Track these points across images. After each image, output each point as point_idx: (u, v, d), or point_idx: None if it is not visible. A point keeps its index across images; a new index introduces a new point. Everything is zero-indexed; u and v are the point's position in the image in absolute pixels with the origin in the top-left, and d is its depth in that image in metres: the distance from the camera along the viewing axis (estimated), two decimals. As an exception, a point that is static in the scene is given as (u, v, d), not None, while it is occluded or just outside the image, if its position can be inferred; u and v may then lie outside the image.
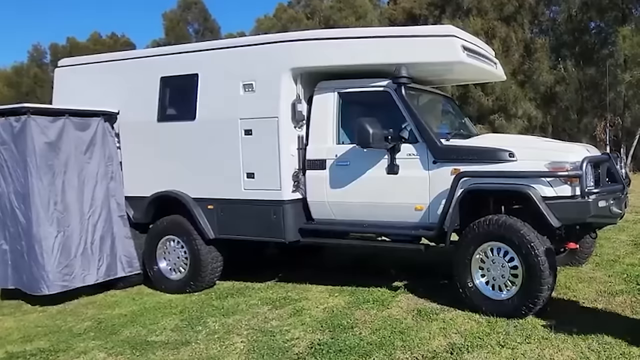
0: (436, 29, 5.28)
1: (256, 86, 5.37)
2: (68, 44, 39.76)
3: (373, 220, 5.34)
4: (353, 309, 5.00)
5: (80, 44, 38.41)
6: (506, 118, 23.25)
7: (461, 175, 4.80)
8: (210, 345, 4.33)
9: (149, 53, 6.18)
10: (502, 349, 3.97)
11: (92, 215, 5.68)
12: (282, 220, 5.35)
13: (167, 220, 5.90)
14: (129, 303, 5.61)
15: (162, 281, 5.97)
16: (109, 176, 5.86)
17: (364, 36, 5.28)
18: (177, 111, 5.83)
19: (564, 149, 5.09)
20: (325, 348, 4.10)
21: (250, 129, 5.40)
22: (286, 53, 5.32)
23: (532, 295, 4.49)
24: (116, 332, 4.75)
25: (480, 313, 4.66)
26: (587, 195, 4.56)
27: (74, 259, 5.48)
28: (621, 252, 6.74)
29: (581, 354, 3.80)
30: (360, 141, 4.96)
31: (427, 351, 3.99)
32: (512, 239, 4.57)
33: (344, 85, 5.39)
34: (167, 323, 4.91)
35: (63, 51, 35.69)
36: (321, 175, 5.40)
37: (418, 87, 5.59)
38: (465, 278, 4.79)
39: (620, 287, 5.28)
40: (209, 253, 5.73)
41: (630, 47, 20.34)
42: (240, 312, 5.10)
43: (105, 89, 6.03)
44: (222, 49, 5.65)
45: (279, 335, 4.46)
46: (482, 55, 5.67)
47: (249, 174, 5.44)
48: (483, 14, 24.03)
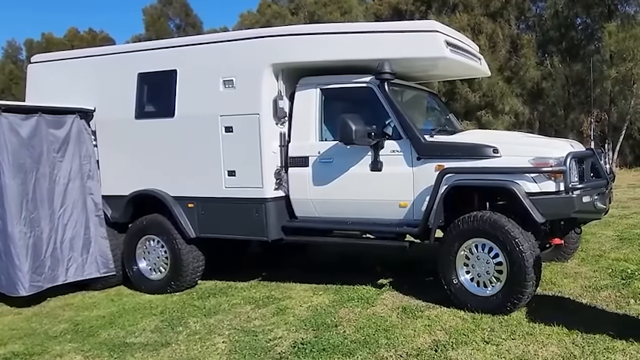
0: (419, 25, 5.23)
1: (236, 82, 5.29)
2: (44, 40, 38.74)
3: (357, 218, 5.29)
4: (337, 307, 4.94)
5: (57, 39, 37.63)
6: (493, 114, 23.30)
7: (445, 172, 4.77)
8: (191, 346, 4.25)
9: (126, 49, 6.06)
10: (486, 345, 3.95)
11: (63, 214, 5.54)
12: (265, 219, 5.28)
13: (147, 219, 5.79)
14: (108, 304, 5.50)
15: (142, 281, 5.87)
16: (84, 175, 5.72)
17: (346, 32, 5.21)
18: (156, 108, 5.72)
19: (548, 145, 5.09)
20: (309, 347, 4.04)
21: (230, 126, 5.32)
22: (267, 49, 5.24)
23: (516, 291, 4.47)
24: (94, 334, 4.64)
25: (465, 310, 4.64)
26: (571, 190, 4.56)
27: (44, 259, 5.34)
28: (607, 247, 6.75)
29: (565, 349, 3.79)
30: (343, 138, 4.91)
31: (411, 349, 3.96)
32: (496, 235, 4.55)
33: (327, 81, 5.33)
34: (147, 324, 4.81)
35: (38, 47, 34.72)
36: (304, 172, 5.33)
37: (401, 83, 5.55)
38: (450, 275, 4.77)
39: (605, 282, 5.29)
40: (190, 252, 5.64)
41: (616, 43, 20.52)
42: (222, 312, 5.02)
43: (80, 85, 5.91)
44: (201, 45, 5.55)
45: (262, 334, 4.39)
46: (466, 51, 5.64)
47: (230, 171, 5.36)
48: (469, 10, 24.10)
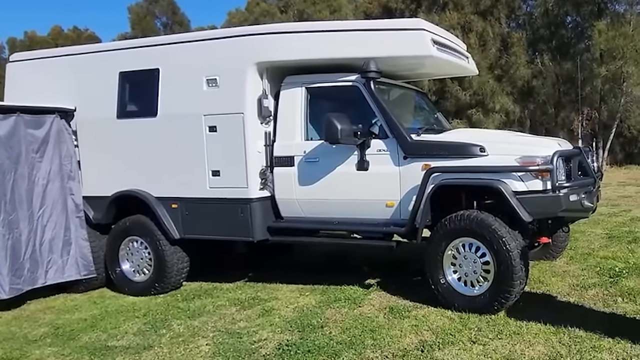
0: (405, 22, 5.19)
1: (220, 81, 5.21)
2: (27, 39, 38.13)
3: (343, 218, 5.24)
4: (324, 308, 4.89)
5: (40, 38, 37.04)
6: (484, 113, 23.30)
7: (432, 171, 4.74)
8: (174, 348, 4.17)
9: (108, 47, 5.95)
10: (473, 345, 3.92)
11: (42, 215, 5.43)
12: (250, 219, 5.21)
13: (130, 220, 5.70)
14: (90, 307, 5.40)
15: (125, 283, 5.77)
16: (65, 175, 5.62)
17: (331, 29, 5.16)
18: (138, 107, 5.63)
19: (535, 144, 5.07)
20: (294, 349, 3.98)
21: (214, 126, 5.24)
22: (251, 47, 5.17)
23: (504, 291, 4.45)
24: (74, 338, 4.54)
25: (453, 309, 4.61)
26: (558, 189, 4.54)
27: (23, 261, 5.23)
28: (595, 246, 6.76)
29: (552, 349, 3.77)
30: (328, 137, 4.86)
31: (397, 349, 3.92)
32: (483, 235, 4.52)
33: (312, 80, 5.27)
34: (130, 327, 4.73)
35: (22, 46, 34.29)
36: (289, 172, 5.27)
37: (388, 81, 5.52)
38: (437, 274, 4.74)
39: (593, 280, 5.28)
40: (174, 254, 5.56)
41: (606, 41, 20.60)
42: (206, 314, 4.95)
43: (61, 84, 5.80)
44: (184, 43, 5.46)
45: (246, 336, 4.32)
46: (453, 50, 5.61)
47: (214, 171, 5.29)
48: (459, 8, 24.08)
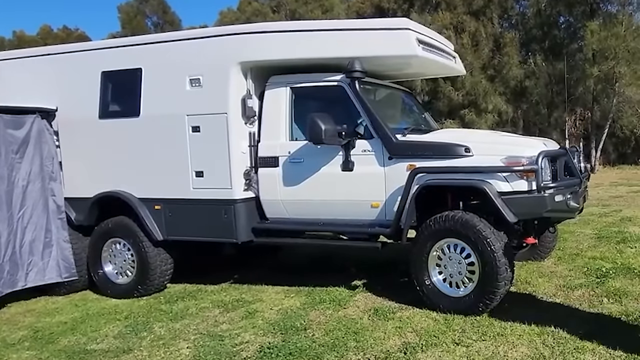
0: (390, 22, 5.14)
1: (203, 81, 5.16)
2: (15, 38, 37.34)
3: (328, 219, 5.20)
4: (308, 309, 4.85)
5: (29, 37, 36.24)
6: (476, 113, 23.17)
7: (416, 171, 4.71)
8: (154, 352, 4.12)
9: (89, 46, 5.87)
10: (456, 347, 3.89)
11: (22, 217, 5.35)
12: (234, 220, 5.16)
13: (112, 222, 5.63)
14: (71, 310, 5.33)
15: (108, 286, 5.70)
16: (46, 176, 5.54)
17: (316, 29, 5.12)
18: (120, 107, 5.57)
19: (520, 144, 5.04)
20: (275, 351, 3.94)
21: (198, 126, 5.19)
22: (234, 46, 5.12)
23: (489, 292, 4.42)
24: (53, 341, 4.48)
25: (438, 311, 4.57)
26: (543, 189, 4.51)
27: (2, 263, 5.14)
28: (584, 246, 6.74)
29: (535, 350, 3.75)
30: (312, 137, 4.82)
31: (380, 351, 3.88)
32: (468, 235, 4.50)
33: (297, 79, 5.23)
34: (110, 330, 4.67)
35: (10, 45, 33.52)
36: (274, 172, 5.23)
37: (374, 81, 5.48)
38: (423, 275, 4.71)
39: (579, 281, 5.27)
40: (158, 255, 5.50)
41: (598, 41, 20.59)
42: (189, 316, 4.89)
43: (43, 84, 5.72)
44: (167, 42, 5.40)
45: (228, 339, 4.27)
46: (440, 49, 5.57)
47: (197, 172, 5.24)
48: (452, 8, 23.95)
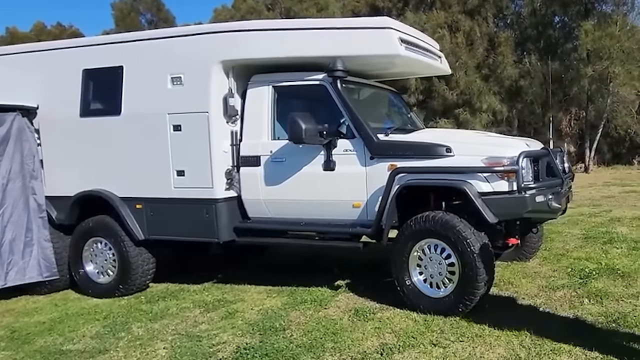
0: (372, 21, 5.12)
1: (185, 79, 5.14)
2: (8, 35, 36.62)
3: (310, 218, 5.18)
4: (289, 310, 4.84)
5: (22, 34, 35.74)
6: (471, 112, 23.06)
7: (397, 171, 4.69)
8: (130, 352, 4.09)
9: (71, 44, 5.83)
10: (434, 348, 3.88)
11: (2, 215, 5.32)
12: (215, 220, 5.14)
13: (93, 221, 5.60)
14: (51, 309, 5.30)
15: (89, 285, 5.67)
16: (27, 174, 5.50)
17: (297, 28, 5.10)
18: (102, 106, 5.53)
19: (502, 144, 5.01)
20: (252, 352, 3.93)
21: (179, 125, 5.17)
22: (216, 45, 5.10)
23: (468, 292, 4.41)
24: (30, 342, 4.45)
25: (418, 311, 4.56)
26: (523, 190, 4.51)
27: None
28: (570, 246, 6.73)
29: (512, 351, 3.74)
30: (292, 137, 4.79)
31: (357, 352, 3.87)
32: (448, 236, 4.49)
33: (279, 78, 5.21)
34: (88, 330, 4.64)
35: (3, 42, 32.98)
36: (256, 172, 5.21)
37: (358, 80, 5.46)
38: (403, 276, 4.70)
39: (562, 281, 5.26)
40: (139, 255, 5.48)
41: (592, 41, 20.58)
42: (169, 316, 4.87)
43: (24, 81, 5.68)
44: (149, 40, 5.39)
45: (206, 339, 4.25)
46: (424, 49, 5.55)
47: (179, 171, 5.21)
48: (447, 7, 23.81)
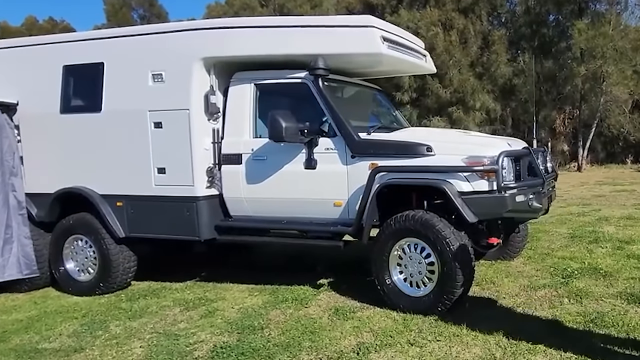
0: (355, 19, 5.11)
1: (166, 76, 5.12)
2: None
3: (292, 217, 5.17)
4: (269, 308, 4.83)
5: (13, 28, 35.56)
6: (464, 110, 22.98)
7: (377, 170, 4.69)
8: (106, 351, 4.07)
9: (51, 39, 5.78)
10: (410, 347, 3.88)
11: None
12: (196, 218, 5.12)
13: (74, 218, 5.57)
14: (30, 307, 5.27)
15: (69, 283, 5.64)
16: (6, 171, 5.45)
17: (279, 25, 5.07)
18: (82, 102, 5.49)
19: (483, 144, 5.01)
20: (228, 351, 3.92)
21: (160, 122, 5.15)
22: (197, 42, 5.08)
23: (448, 292, 4.42)
24: (5, 340, 4.42)
25: (398, 310, 4.56)
26: (503, 189, 4.51)
27: None
28: (556, 245, 6.73)
29: (487, 351, 3.74)
30: (273, 135, 4.77)
31: (333, 352, 3.86)
32: (427, 235, 4.49)
33: (261, 76, 5.19)
34: (65, 328, 4.62)
35: None
36: (237, 170, 5.19)
37: (341, 79, 5.45)
38: (383, 275, 4.70)
39: (544, 281, 5.27)
40: (120, 253, 5.46)
41: (586, 40, 20.60)
42: (148, 315, 4.85)
43: (3, 77, 5.64)
44: (130, 37, 5.35)
45: (183, 338, 4.24)
46: (407, 48, 5.54)
47: (159, 169, 5.19)
48: (441, 5, 23.73)
